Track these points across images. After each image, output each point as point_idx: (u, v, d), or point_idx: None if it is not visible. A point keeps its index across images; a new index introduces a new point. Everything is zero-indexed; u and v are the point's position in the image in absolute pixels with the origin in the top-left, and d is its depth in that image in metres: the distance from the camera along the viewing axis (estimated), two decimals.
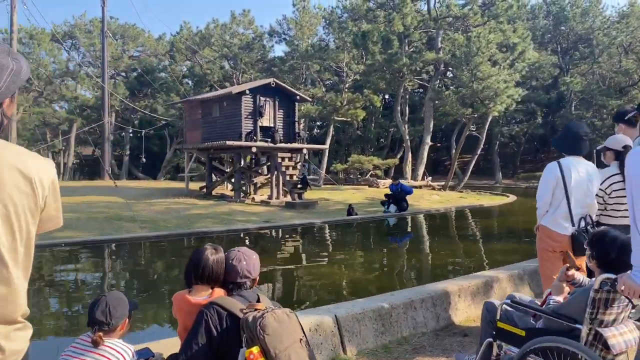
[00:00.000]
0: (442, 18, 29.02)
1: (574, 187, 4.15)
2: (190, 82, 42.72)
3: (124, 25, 43.78)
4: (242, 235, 11.45)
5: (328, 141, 35.71)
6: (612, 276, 2.65)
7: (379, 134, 46.46)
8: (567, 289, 3.27)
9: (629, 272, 2.43)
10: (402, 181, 18.30)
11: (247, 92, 17.89)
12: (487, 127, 30.05)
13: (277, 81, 18.98)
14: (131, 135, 41.95)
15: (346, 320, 4.26)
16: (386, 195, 16.78)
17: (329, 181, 31.68)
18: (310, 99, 22.75)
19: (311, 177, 36.34)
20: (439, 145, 51.76)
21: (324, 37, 41.71)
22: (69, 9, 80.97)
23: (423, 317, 4.92)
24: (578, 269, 3.33)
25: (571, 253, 3.85)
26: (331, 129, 35.14)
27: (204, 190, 19.56)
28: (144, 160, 29.45)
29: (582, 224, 4.18)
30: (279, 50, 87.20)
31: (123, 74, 44.12)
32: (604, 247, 2.87)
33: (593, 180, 4.22)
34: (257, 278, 2.83)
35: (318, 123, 44.48)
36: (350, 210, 14.64)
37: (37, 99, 37.77)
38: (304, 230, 12.70)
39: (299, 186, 17.27)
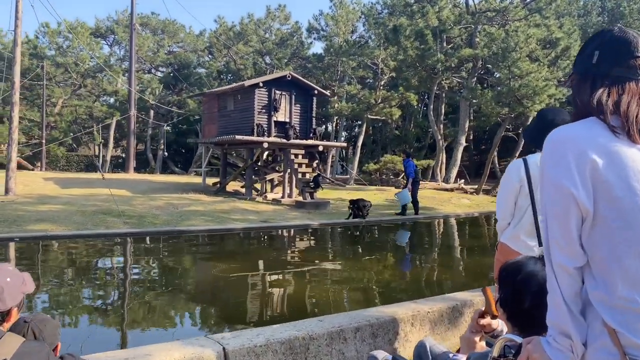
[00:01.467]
0: (481, 12, 27.39)
1: None
2: (225, 78, 42.57)
3: (165, 21, 44.09)
4: (221, 235, 10.67)
5: (360, 140, 34.68)
6: (518, 339, 1.64)
7: (418, 134, 44.92)
8: (480, 343, 2.22)
9: (540, 336, 1.42)
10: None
11: (261, 84, 17.14)
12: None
13: (294, 74, 18.14)
14: (167, 130, 42.22)
15: (239, 355, 3.25)
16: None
17: (359, 181, 30.64)
18: (329, 95, 21.80)
19: (340, 176, 35.55)
20: (482, 147, 49.70)
21: (364, 34, 40.65)
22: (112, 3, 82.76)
23: (356, 352, 3.90)
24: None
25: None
26: (364, 127, 34.00)
27: (218, 186, 18.97)
28: (165, 154, 29.37)
29: None
30: (319, 47, 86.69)
31: (161, 69, 44.46)
32: (516, 290, 1.87)
33: None
34: (15, 309, 1.98)
35: (359, 122, 43.53)
36: (357, 211, 13.59)
37: (76, 92, 38.45)
38: (295, 232, 11.82)
39: (310, 185, 16.37)
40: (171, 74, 40.08)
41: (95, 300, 5.76)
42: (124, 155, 44.92)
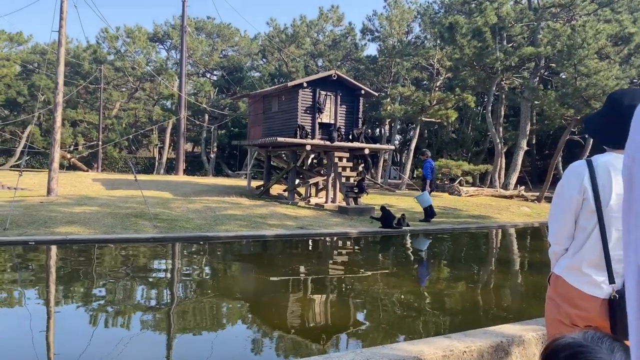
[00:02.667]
0: (544, 8, 25.61)
1: (617, 209, 2.17)
2: (277, 81, 42.47)
3: (219, 25, 44.58)
4: (251, 242, 10.03)
5: (413, 143, 33.46)
6: None
7: (476, 137, 43.01)
8: None
9: None
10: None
11: (305, 85, 16.48)
12: None
13: (339, 73, 17.34)
14: (222, 133, 42.53)
15: None
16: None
17: (412, 186, 29.46)
18: (376, 95, 20.78)
19: (393, 181, 34.43)
20: (545, 152, 47.01)
21: (419, 34, 39.40)
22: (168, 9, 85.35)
23: None
24: None
25: (606, 331, 2.01)
26: (417, 130, 32.75)
27: (261, 189, 18.49)
28: (211, 156, 29.19)
29: None
30: (373, 49, 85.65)
31: (216, 72, 44.95)
32: None
33: None
34: None
35: (413, 125, 42.28)
36: (400, 220, 12.61)
37: (133, 96, 39.41)
38: (331, 241, 11.01)
39: (354, 190, 15.53)
40: (224, 77, 40.35)
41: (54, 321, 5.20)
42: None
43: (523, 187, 26.81)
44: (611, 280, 2.14)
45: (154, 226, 10.25)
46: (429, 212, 14.18)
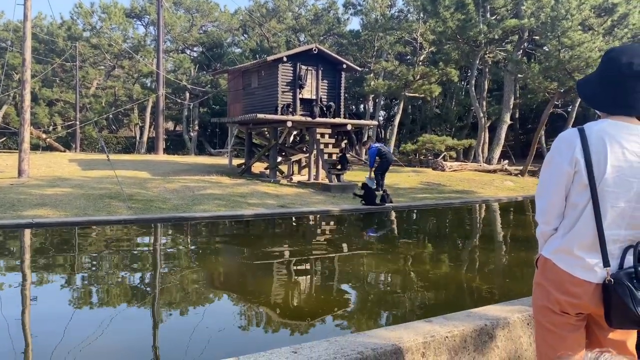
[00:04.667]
0: None
1: (612, 183, 1.90)
2: (259, 57, 41.71)
3: (199, 0, 43.39)
4: (227, 222, 9.75)
5: (397, 119, 33.19)
6: None
7: (459, 112, 42.85)
8: None
9: None
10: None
11: (285, 59, 16.03)
12: (577, 104, 26.16)
13: (320, 47, 16.90)
14: (204, 110, 41.76)
15: None
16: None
17: (396, 162, 29.30)
18: (359, 69, 20.36)
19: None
20: (529, 126, 47.05)
21: (402, 8, 38.74)
22: None
23: None
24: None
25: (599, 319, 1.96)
26: (401, 105, 32.44)
27: (243, 167, 18.13)
28: (192, 134, 28.66)
29: (629, 259, 1.92)
30: (356, 24, 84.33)
31: (195, 48, 43.94)
32: None
33: None
34: None
35: (397, 101, 41.96)
36: (384, 196, 12.39)
37: (110, 74, 38.41)
38: (312, 219, 10.77)
39: (337, 167, 15.27)
40: (204, 54, 39.47)
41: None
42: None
43: (506, 162, 26.81)
44: (606, 263, 1.91)
45: (129, 207, 9.89)
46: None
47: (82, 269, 6.24)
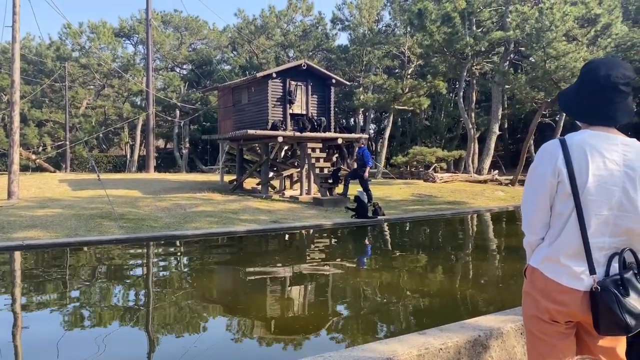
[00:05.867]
0: None
1: (595, 192, 1.94)
2: (249, 73, 41.91)
3: (187, 18, 43.62)
4: (220, 240, 9.72)
5: (387, 132, 33.37)
6: None
7: (449, 124, 43.18)
8: None
9: None
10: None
11: (275, 75, 16.12)
12: (565, 114, 26.44)
13: (309, 63, 17.02)
14: (195, 128, 41.72)
15: None
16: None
17: (387, 175, 29.40)
18: (348, 83, 20.53)
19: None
20: (518, 136, 47.47)
21: (390, 23, 39.18)
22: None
23: None
24: None
25: (588, 327, 2.00)
26: (391, 118, 32.66)
27: (234, 183, 18.10)
28: (184, 151, 28.64)
29: (615, 266, 1.95)
30: (344, 39, 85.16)
31: (185, 66, 44.05)
32: None
33: (637, 177, 1.96)
34: None
35: (387, 114, 42.17)
36: (376, 209, 12.42)
37: (100, 93, 38.38)
38: (304, 234, 10.77)
39: (329, 181, 15.29)
40: (194, 71, 39.59)
41: None
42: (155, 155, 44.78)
43: (497, 172, 27.00)
44: (592, 270, 1.95)
45: (120, 227, 9.84)
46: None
47: (74, 291, 6.18)
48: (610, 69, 2.00)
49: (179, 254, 8.73)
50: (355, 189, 14.22)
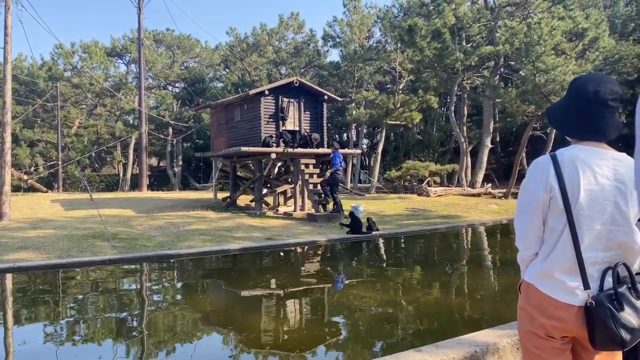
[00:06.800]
0: (501, 7, 26.01)
1: (587, 207, 1.95)
2: (241, 90, 42.07)
3: (179, 37, 43.83)
4: (213, 258, 9.66)
5: (380, 147, 33.49)
6: None
7: (441, 138, 43.43)
8: None
9: None
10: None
11: (267, 92, 16.21)
12: None
13: (301, 80, 17.14)
14: (187, 145, 41.70)
15: None
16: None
17: (381, 189, 29.44)
18: (340, 99, 20.68)
19: (363, 185, 34.35)
20: (510, 149, 47.78)
21: (380, 39, 39.54)
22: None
23: None
24: None
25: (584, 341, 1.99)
26: (383, 133, 32.80)
27: (228, 201, 18.06)
28: (176, 169, 28.58)
29: (609, 281, 1.96)
30: (336, 55, 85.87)
31: (177, 84, 44.17)
32: None
33: (628, 191, 1.97)
34: None
35: (379, 129, 42.36)
36: (370, 224, 12.42)
37: (92, 112, 38.35)
38: (298, 251, 10.72)
39: (321, 196, 15.28)
40: (186, 89, 39.71)
41: None
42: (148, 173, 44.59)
43: (490, 185, 27.11)
44: (586, 285, 1.95)
45: (113, 247, 9.76)
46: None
47: (66, 314, 6.11)
48: (599, 84, 2.02)
49: (172, 273, 8.65)
50: (349, 203, 14.22)
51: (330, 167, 15.11)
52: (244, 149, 15.29)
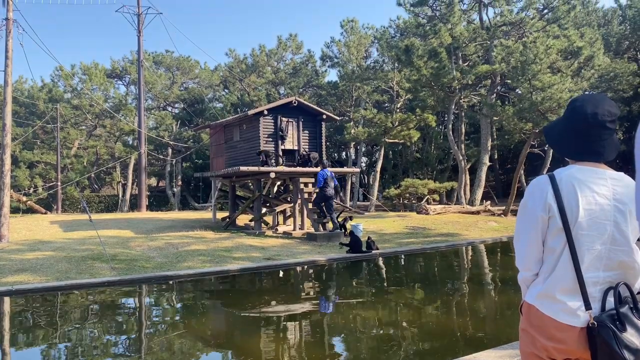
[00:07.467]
0: (496, 27, 26.32)
1: (587, 226, 1.95)
2: (240, 110, 42.30)
3: (179, 58, 44.18)
4: (213, 278, 9.61)
5: (379, 165, 33.57)
6: None
7: (439, 155, 43.57)
8: None
9: None
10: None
11: (266, 112, 16.30)
12: None
13: (300, 99, 17.25)
14: (187, 165, 41.75)
15: None
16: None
17: (380, 207, 29.42)
18: (338, 118, 20.81)
19: (363, 203, 34.35)
20: (508, 166, 47.90)
21: (378, 59, 39.91)
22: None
23: None
24: None
25: None
26: (382, 151, 32.92)
27: (227, 220, 18.01)
28: (175, 189, 28.57)
29: (611, 301, 1.94)
30: (334, 75, 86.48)
31: (177, 105, 44.40)
32: None
33: (628, 211, 1.97)
34: None
35: (378, 147, 42.49)
36: (370, 243, 12.38)
37: (92, 133, 38.47)
38: (298, 271, 10.67)
39: (320, 215, 15.25)
40: (186, 110, 39.92)
41: None
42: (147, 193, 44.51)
43: (489, 202, 27.08)
44: (587, 306, 1.93)
45: (112, 268, 9.71)
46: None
47: (64, 339, 6.05)
48: (597, 106, 2.03)
49: (171, 296, 8.60)
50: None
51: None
52: (243, 168, 15.32)
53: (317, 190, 15.04)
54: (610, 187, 1.97)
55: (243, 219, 18.85)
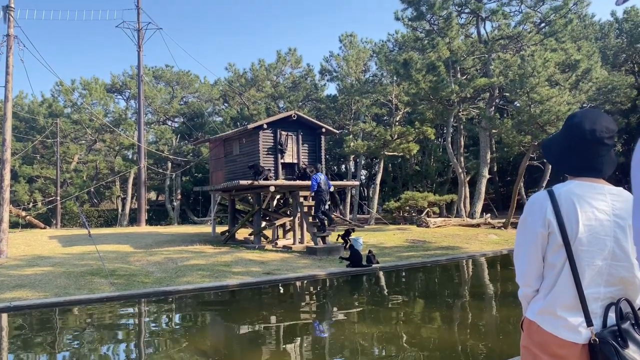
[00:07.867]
0: (494, 40, 26.50)
1: (587, 242, 1.94)
2: (240, 124, 42.42)
3: (179, 73, 44.40)
4: (213, 293, 9.56)
5: (379, 178, 33.59)
6: None
7: (439, 168, 43.61)
8: None
9: None
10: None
11: (265, 126, 16.34)
12: None
13: (299, 113, 17.31)
14: (186, 179, 41.76)
15: None
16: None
17: (380, 220, 29.37)
18: (337, 132, 20.90)
19: (363, 216, 34.30)
20: (507, 179, 47.92)
21: (376, 73, 40.15)
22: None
23: None
24: None
25: None
26: (381, 164, 32.95)
27: (227, 235, 17.97)
28: (175, 203, 28.55)
29: (612, 317, 1.93)
30: (333, 88, 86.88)
31: (177, 119, 44.53)
32: None
33: (627, 226, 1.98)
34: None
35: (377, 160, 42.58)
36: (370, 257, 12.34)
37: (92, 148, 38.52)
38: (298, 286, 10.62)
39: (318, 224, 15.22)
40: (185, 124, 40.04)
41: None
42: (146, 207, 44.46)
43: (489, 215, 27.05)
44: (589, 322, 1.92)
45: (111, 283, 9.66)
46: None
47: (63, 354, 6.00)
48: (595, 123, 2.03)
49: (171, 311, 8.54)
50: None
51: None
52: (242, 182, 15.32)
53: (312, 195, 15.05)
54: (610, 203, 1.97)
55: (242, 233, 18.81)
